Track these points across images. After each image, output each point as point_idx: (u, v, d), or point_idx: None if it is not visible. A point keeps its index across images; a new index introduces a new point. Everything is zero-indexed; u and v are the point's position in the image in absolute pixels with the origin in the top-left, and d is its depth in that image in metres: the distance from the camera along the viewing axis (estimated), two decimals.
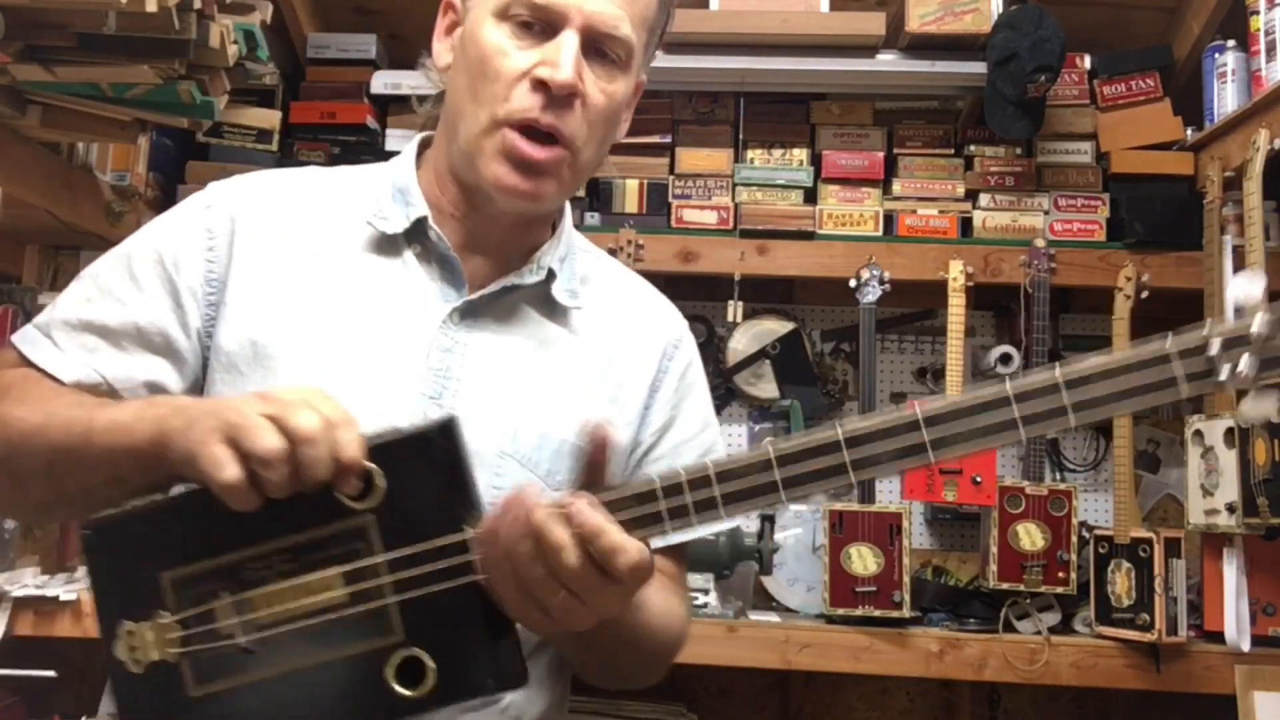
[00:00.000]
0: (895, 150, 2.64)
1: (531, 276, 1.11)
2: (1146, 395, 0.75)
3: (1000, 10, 2.46)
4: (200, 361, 1.06)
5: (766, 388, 2.70)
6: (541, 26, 1.03)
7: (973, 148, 2.63)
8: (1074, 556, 2.33)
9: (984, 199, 2.59)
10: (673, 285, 2.81)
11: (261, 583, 0.86)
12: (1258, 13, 2.27)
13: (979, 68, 2.47)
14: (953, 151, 2.63)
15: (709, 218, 2.60)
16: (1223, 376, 0.74)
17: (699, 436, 1.20)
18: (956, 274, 2.45)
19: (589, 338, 1.14)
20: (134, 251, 1.08)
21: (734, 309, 2.54)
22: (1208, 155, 2.45)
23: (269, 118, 2.61)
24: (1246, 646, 2.18)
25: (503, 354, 1.08)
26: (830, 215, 2.59)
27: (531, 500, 0.82)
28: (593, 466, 0.85)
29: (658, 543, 0.87)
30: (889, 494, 2.63)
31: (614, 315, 1.17)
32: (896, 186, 2.60)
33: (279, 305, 1.05)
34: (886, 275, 2.44)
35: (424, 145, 1.19)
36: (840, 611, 2.32)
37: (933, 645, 2.28)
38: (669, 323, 1.23)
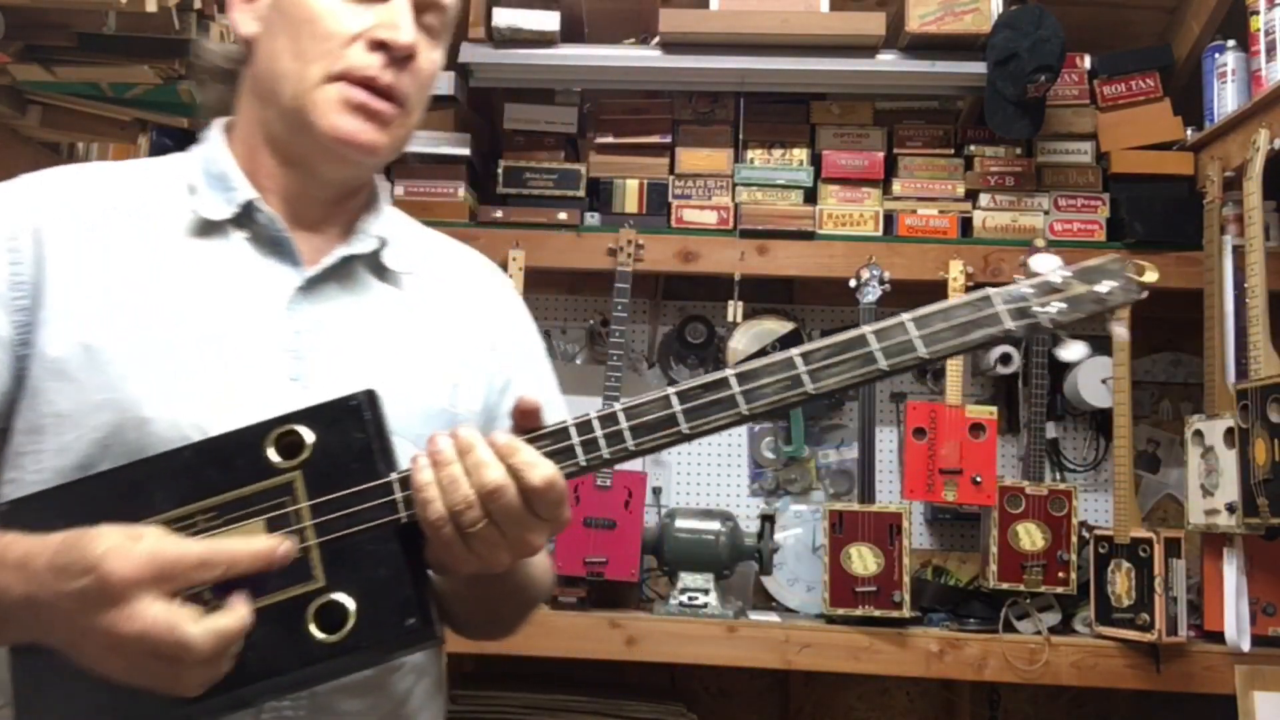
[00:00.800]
0: (895, 150, 2.64)
1: (365, 245, 1.10)
2: (977, 331, 0.90)
3: (1000, 10, 2.46)
4: (12, 373, 0.99)
5: None
6: None
7: (973, 148, 2.63)
8: (1074, 556, 2.33)
9: (984, 199, 2.59)
10: (673, 285, 2.85)
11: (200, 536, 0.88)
12: (1258, 13, 2.27)
13: (979, 68, 2.47)
14: (953, 151, 2.63)
15: (709, 218, 2.60)
16: (1040, 314, 0.91)
17: (540, 392, 1.17)
18: (956, 274, 2.45)
19: (427, 302, 1.14)
20: None
21: (734, 309, 2.54)
22: (1208, 155, 2.45)
23: None
24: (1246, 646, 2.18)
25: (352, 326, 1.07)
26: (830, 215, 2.59)
27: (459, 433, 0.89)
28: (521, 431, 0.92)
29: (571, 471, 0.91)
30: (889, 494, 2.63)
31: (444, 278, 1.17)
32: (896, 186, 2.60)
33: (109, 305, 0.99)
34: (886, 275, 2.44)
35: (227, 127, 1.14)
36: (840, 611, 2.32)
37: (933, 645, 2.28)
38: (493, 280, 1.24)
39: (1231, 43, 2.39)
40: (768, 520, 2.43)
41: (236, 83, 1.12)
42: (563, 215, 2.59)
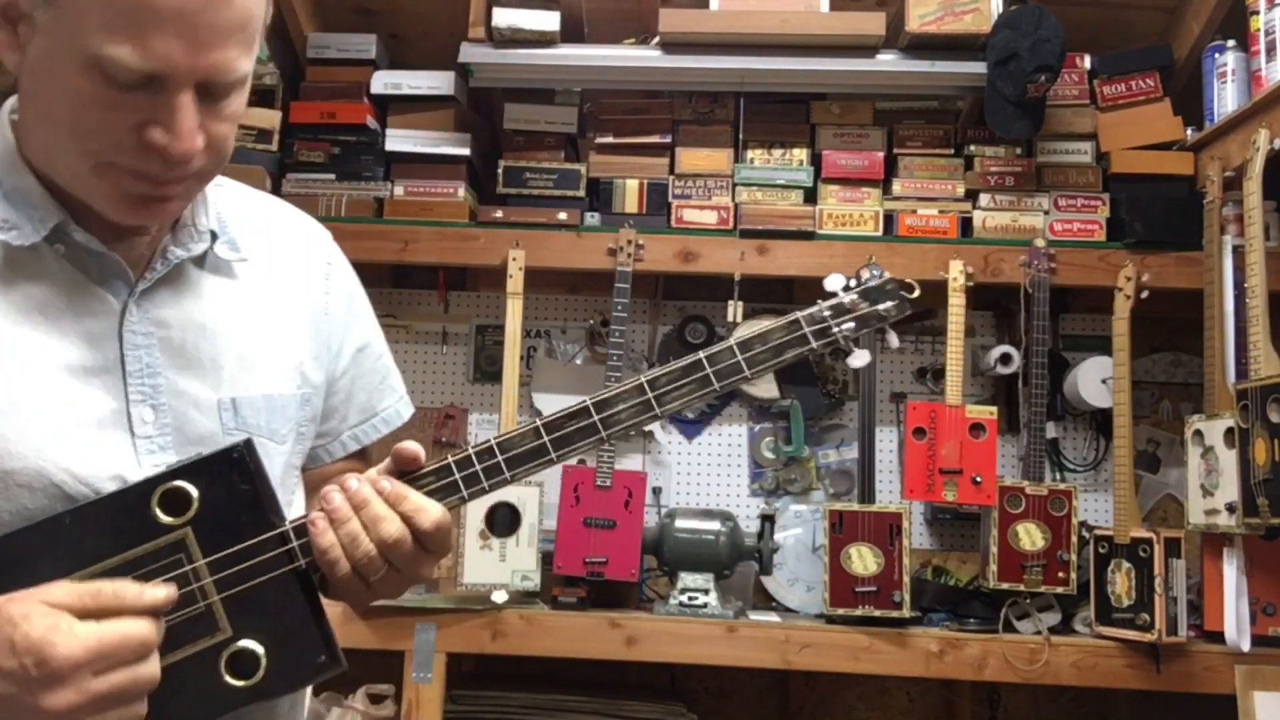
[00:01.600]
0: (895, 150, 2.64)
1: (197, 245, 1.03)
2: (789, 351, 1.06)
3: (1000, 10, 2.46)
4: None
5: (767, 388, 2.70)
6: (145, 83, 0.88)
7: (973, 148, 2.63)
8: (1074, 556, 2.33)
9: (984, 199, 2.59)
10: (673, 285, 2.85)
11: None
12: (1258, 13, 2.27)
13: (979, 68, 2.47)
14: (953, 151, 2.63)
15: (709, 218, 2.60)
16: (836, 333, 1.09)
17: (372, 346, 1.20)
18: (956, 274, 2.45)
19: (261, 284, 1.09)
20: None
21: (734, 309, 2.54)
22: (1208, 155, 2.45)
23: (269, 118, 2.61)
24: (1246, 646, 2.18)
25: (192, 332, 1.02)
26: (830, 215, 2.59)
27: (350, 487, 0.94)
28: (402, 473, 0.97)
29: (455, 504, 0.98)
30: (889, 494, 2.63)
31: (271, 252, 1.11)
32: (896, 186, 2.60)
33: None
34: (886, 275, 2.43)
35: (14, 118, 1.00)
36: (840, 611, 2.32)
37: (933, 645, 2.28)
38: (318, 242, 1.17)
39: (1231, 43, 2.38)
40: (768, 520, 2.43)
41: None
42: (563, 215, 2.59)
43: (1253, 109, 2.25)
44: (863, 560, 2.32)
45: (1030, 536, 2.34)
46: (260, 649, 0.90)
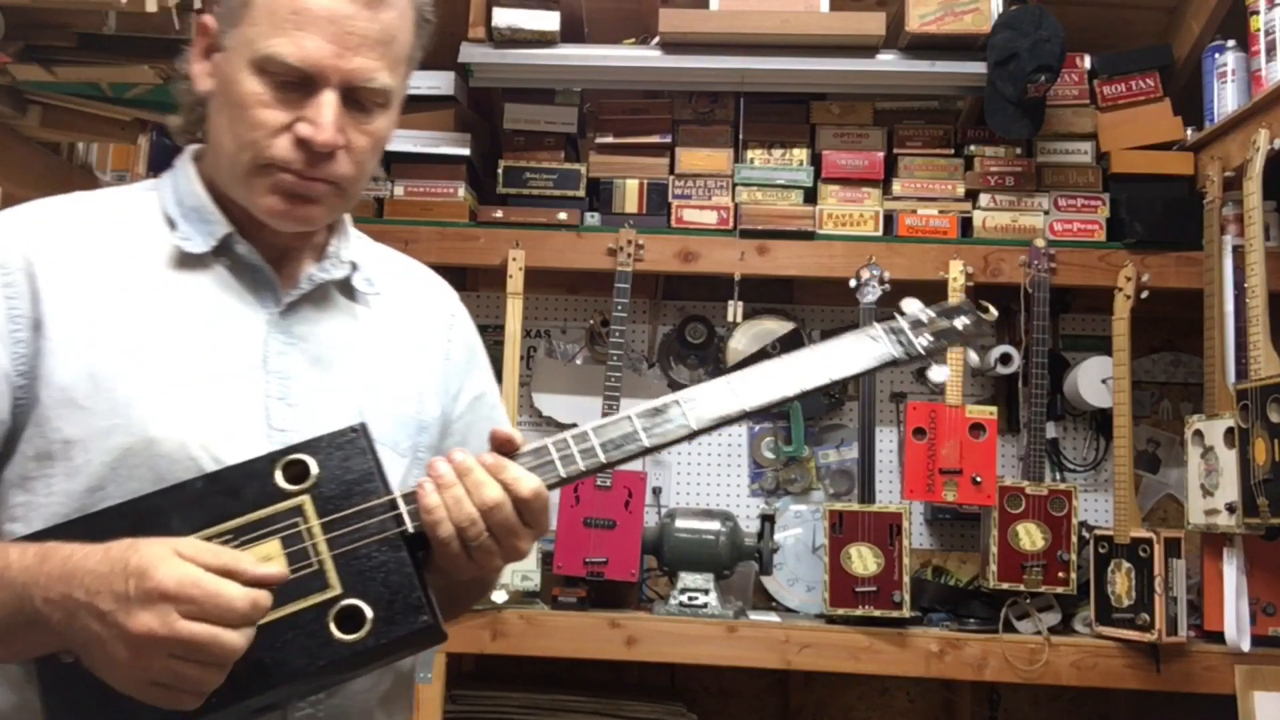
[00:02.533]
0: (895, 150, 2.64)
1: (338, 271, 1.16)
2: (874, 363, 1.12)
3: (1000, 10, 2.46)
4: (12, 405, 1.03)
5: None
6: (301, 84, 1.05)
7: (973, 148, 2.63)
8: (1074, 556, 2.33)
9: (984, 199, 2.59)
10: (673, 285, 2.85)
11: None
12: (1258, 13, 2.27)
13: (979, 68, 2.47)
14: (953, 151, 2.63)
15: (709, 218, 2.60)
16: (918, 347, 1.14)
17: (487, 396, 1.30)
18: (956, 274, 2.45)
19: (391, 318, 1.21)
20: None
21: (734, 309, 2.54)
22: (1208, 155, 2.45)
23: None
24: (1246, 646, 2.18)
25: (328, 344, 1.14)
26: (830, 215, 2.59)
27: (455, 457, 1.00)
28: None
29: (554, 483, 1.03)
30: (889, 494, 2.63)
31: (402, 295, 1.24)
32: (896, 186, 2.60)
33: (109, 334, 1.05)
34: (886, 275, 2.44)
35: (197, 156, 1.18)
36: (840, 611, 2.32)
37: (933, 645, 2.28)
38: (445, 296, 1.30)
39: (1231, 43, 2.39)
40: (768, 520, 2.43)
41: (205, 118, 1.15)
42: (563, 215, 2.59)
43: (1253, 109, 2.26)
44: (863, 560, 2.32)
45: (1030, 536, 2.34)
46: (367, 607, 0.95)
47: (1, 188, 1.87)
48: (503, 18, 2.50)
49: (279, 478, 0.98)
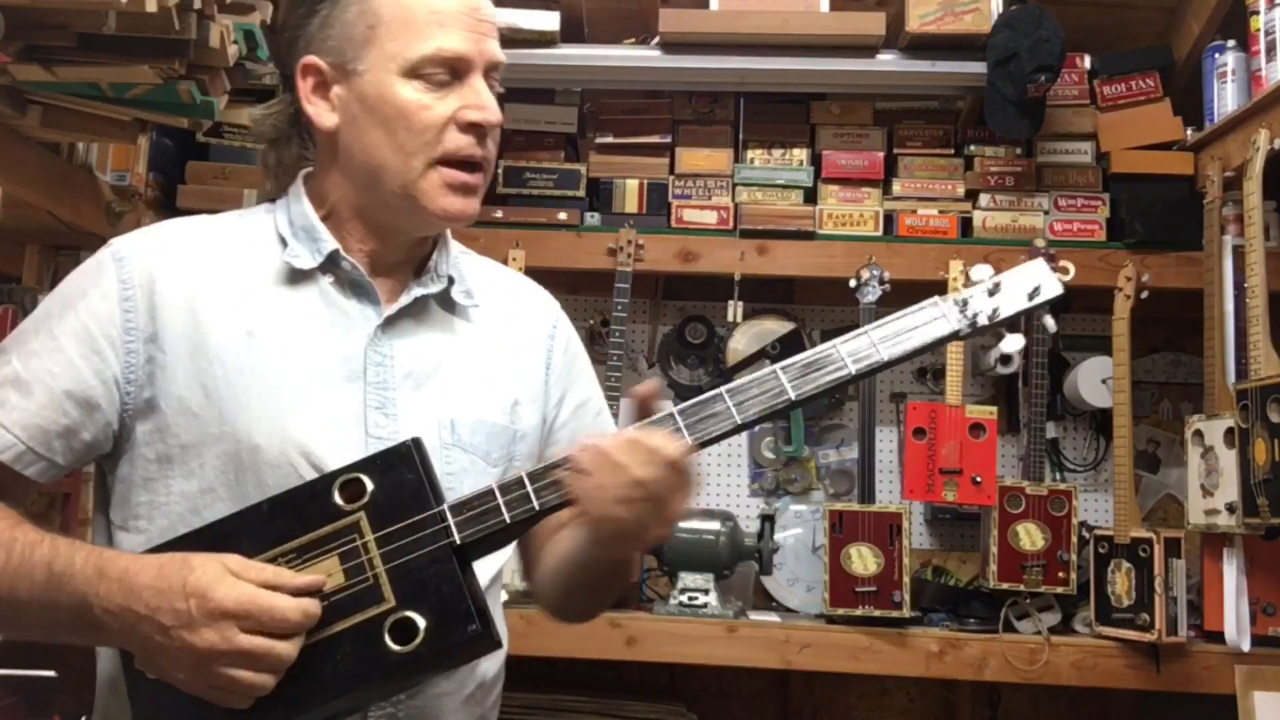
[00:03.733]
0: (895, 150, 2.64)
1: (435, 285, 1.22)
2: (934, 331, 1.11)
3: (1000, 10, 2.46)
4: (118, 408, 1.13)
5: None
6: (451, 74, 1.15)
7: (973, 148, 2.63)
8: (1074, 556, 2.33)
9: (984, 199, 2.59)
10: (673, 285, 2.85)
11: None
12: (1258, 13, 2.27)
13: (979, 68, 2.47)
14: (953, 151, 2.63)
15: (709, 218, 2.60)
16: (982, 319, 1.12)
17: (591, 403, 1.36)
18: (956, 274, 2.45)
19: (489, 330, 1.26)
20: (52, 308, 1.16)
21: (734, 309, 2.54)
22: (1208, 155, 2.45)
23: None
24: (1246, 646, 2.18)
25: (425, 357, 1.20)
26: (830, 215, 2.59)
27: (605, 432, 1.08)
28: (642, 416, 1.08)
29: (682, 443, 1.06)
30: (889, 494, 2.63)
31: (502, 306, 1.30)
32: (896, 186, 2.60)
33: (219, 347, 1.13)
34: (886, 275, 2.44)
35: (308, 178, 1.27)
36: (840, 611, 2.32)
37: (933, 645, 2.28)
38: (547, 307, 1.36)
39: (1231, 43, 2.38)
40: (768, 520, 2.42)
41: (295, 146, 1.26)
42: (563, 215, 2.59)
43: (1253, 109, 2.25)
44: (863, 560, 2.32)
45: (1030, 536, 2.34)
46: (420, 618, 0.98)
47: (1, 188, 1.87)
48: (503, 18, 2.48)
49: (337, 496, 1.03)
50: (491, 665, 1.25)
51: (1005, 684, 2.48)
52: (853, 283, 2.45)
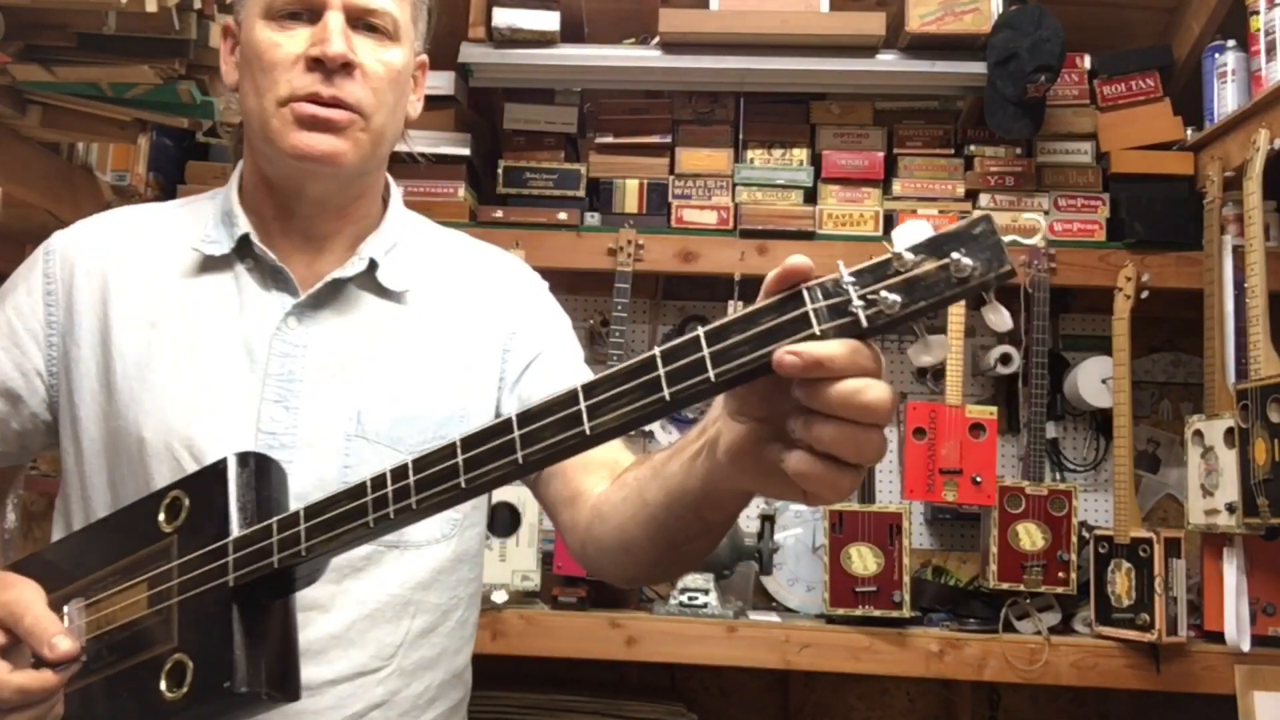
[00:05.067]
0: (895, 150, 2.64)
1: (354, 268, 1.16)
2: (778, 338, 0.69)
3: (1000, 10, 2.46)
4: (44, 401, 1.15)
5: None
6: (307, 15, 1.10)
7: (973, 148, 2.63)
8: (1074, 556, 2.33)
9: (984, 199, 2.59)
10: (673, 285, 2.85)
11: (99, 599, 0.95)
12: (1258, 13, 2.27)
13: (979, 68, 2.47)
14: (953, 151, 2.63)
15: (709, 218, 2.60)
16: (859, 310, 0.71)
17: (569, 358, 1.26)
18: None
19: (431, 313, 1.19)
20: None
21: (734, 309, 2.53)
22: (1208, 155, 2.45)
23: None
24: (1246, 646, 2.18)
25: (343, 346, 1.14)
26: (830, 215, 2.59)
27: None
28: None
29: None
30: (889, 494, 2.63)
31: (453, 284, 1.22)
32: (896, 186, 2.60)
33: (121, 341, 1.12)
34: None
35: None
36: (840, 611, 2.32)
37: (933, 645, 2.28)
38: (511, 274, 1.29)
39: (1231, 43, 2.38)
40: (768, 520, 2.42)
41: None
42: (563, 215, 2.59)
43: (1253, 109, 2.25)
44: (863, 560, 2.32)
45: (1030, 536, 2.34)
46: (191, 663, 0.87)
47: (1, 188, 1.87)
48: (503, 18, 2.50)
49: (161, 516, 0.94)
50: (380, 690, 1.12)
51: (1005, 684, 2.48)
52: None
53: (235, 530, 0.89)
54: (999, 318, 0.75)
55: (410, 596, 1.14)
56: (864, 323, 0.70)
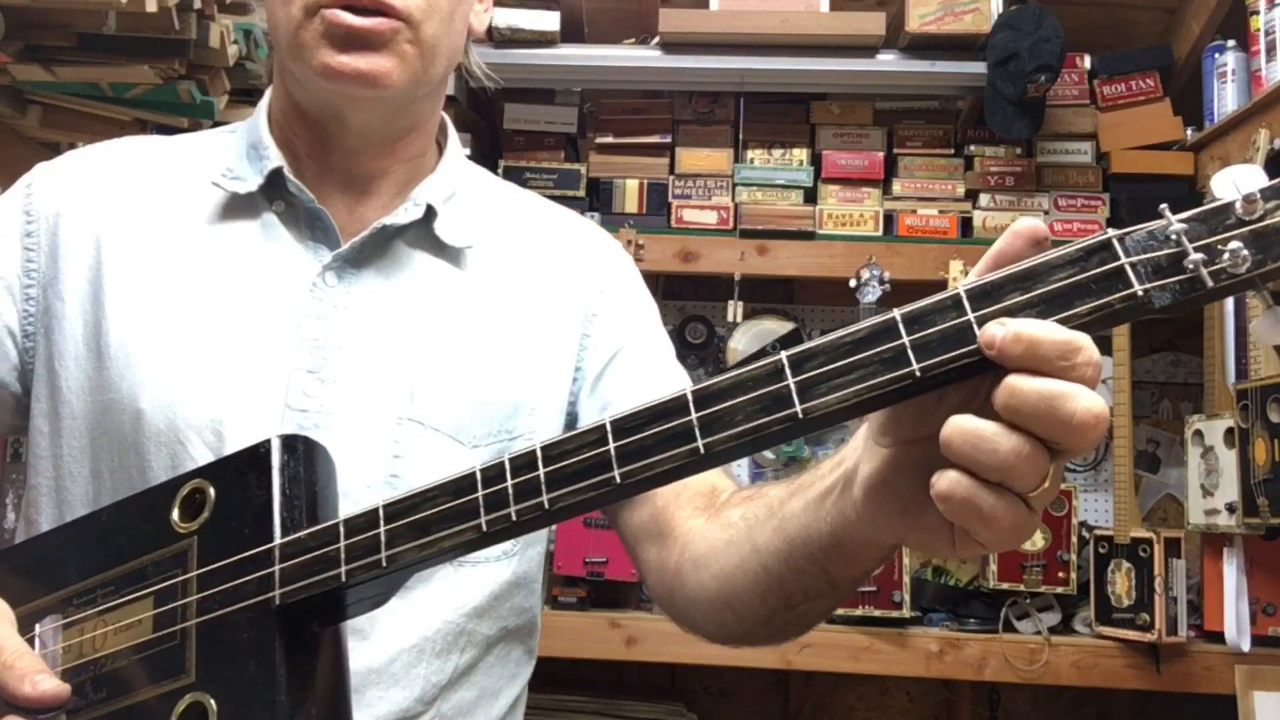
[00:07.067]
0: (895, 150, 2.64)
1: (407, 215, 0.95)
2: (1086, 296, 0.53)
3: (1000, 10, 2.46)
4: (15, 366, 0.93)
5: None
6: None
7: (973, 148, 2.63)
8: (1074, 556, 2.33)
9: (984, 199, 2.59)
10: (673, 285, 2.85)
11: (83, 618, 0.76)
12: (1258, 13, 2.27)
13: (979, 68, 2.47)
14: (953, 151, 2.63)
15: (709, 218, 2.60)
16: (1196, 260, 0.54)
17: (659, 356, 1.06)
18: (956, 274, 2.45)
19: (494, 277, 0.99)
20: None
21: (734, 309, 2.54)
22: (1208, 155, 2.45)
23: None
24: (1246, 646, 2.18)
25: (390, 309, 0.93)
26: (830, 215, 2.59)
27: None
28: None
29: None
30: None
31: (524, 247, 1.03)
32: (896, 186, 2.60)
33: (123, 296, 0.91)
34: (886, 275, 2.43)
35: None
36: (840, 611, 2.31)
37: (933, 645, 2.28)
38: (594, 245, 1.10)
39: (1231, 43, 2.38)
40: None
41: None
42: None
43: (1253, 109, 2.25)
44: None
45: (1030, 536, 2.34)
46: (214, 704, 0.67)
47: (1, 188, 1.87)
48: (503, 18, 2.50)
49: (175, 512, 0.74)
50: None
51: (1005, 684, 2.48)
52: (852, 283, 2.45)
53: (279, 534, 0.70)
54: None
55: (464, 625, 0.92)
56: (1208, 281, 0.53)
